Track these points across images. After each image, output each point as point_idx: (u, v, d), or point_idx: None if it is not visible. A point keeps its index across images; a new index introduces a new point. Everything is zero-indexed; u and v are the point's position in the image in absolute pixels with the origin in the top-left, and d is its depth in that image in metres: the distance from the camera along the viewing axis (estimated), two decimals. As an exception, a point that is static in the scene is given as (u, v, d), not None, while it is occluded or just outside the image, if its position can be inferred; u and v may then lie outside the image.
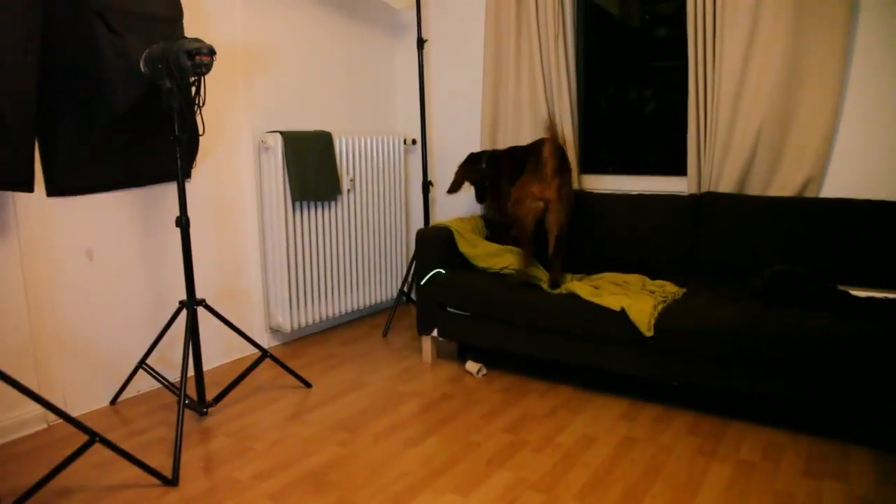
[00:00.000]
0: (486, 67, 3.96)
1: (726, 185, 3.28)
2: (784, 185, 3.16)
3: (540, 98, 3.78)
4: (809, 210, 2.98)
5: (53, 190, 2.67)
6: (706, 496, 2.15)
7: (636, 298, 2.76)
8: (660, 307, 2.72)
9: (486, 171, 3.58)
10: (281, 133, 3.43)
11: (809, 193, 3.12)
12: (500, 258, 3.25)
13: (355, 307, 4.04)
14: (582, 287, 2.91)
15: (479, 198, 3.76)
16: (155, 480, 2.29)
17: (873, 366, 2.29)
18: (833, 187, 3.11)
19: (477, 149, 4.13)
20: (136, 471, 2.35)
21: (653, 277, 3.15)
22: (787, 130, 3.13)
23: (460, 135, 4.31)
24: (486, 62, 3.96)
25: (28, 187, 2.39)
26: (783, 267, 2.74)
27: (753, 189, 3.25)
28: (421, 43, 3.89)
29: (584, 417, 2.75)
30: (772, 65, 3.08)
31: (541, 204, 3.03)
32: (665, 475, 2.28)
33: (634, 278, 3.09)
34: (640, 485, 2.22)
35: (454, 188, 3.66)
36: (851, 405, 2.36)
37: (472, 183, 3.71)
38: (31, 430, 2.67)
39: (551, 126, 3.05)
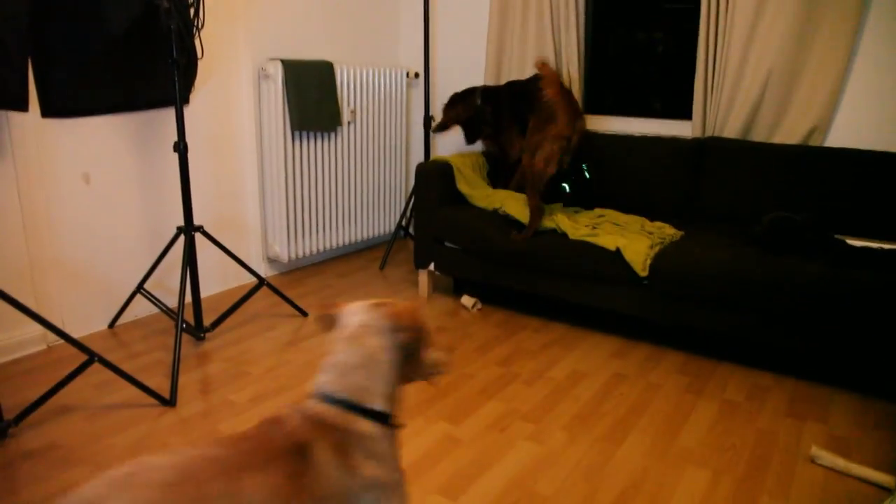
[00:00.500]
0: (493, 1, 3.87)
1: (731, 131, 3.25)
2: (789, 133, 3.13)
3: (547, 35, 3.70)
4: (813, 158, 2.97)
5: (49, 111, 2.64)
6: (691, 431, 2.20)
7: (632, 239, 2.77)
8: (656, 248, 2.73)
9: (482, 107, 3.52)
10: (282, 61, 3.37)
11: (814, 142, 3.10)
12: (495, 197, 3.25)
13: (353, 240, 4.05)
14: (577, 226, 2.92)
15: (470, 138, 3.67)
16: (153, 401, 2.34)
17: (864, 314, 2.32)
18: (838, 137, 3.08)
19: (480, 84, 4.05)
20: (134, 391, 2.40)
21: (652, 219, 3.16)
22: (797, 78, 3.09)
23: (464, 70, 4.24)
24: (492, -5, 3.87)
25: (22, 106, 2.36)
26: (782, 213, 2.74)
27: (758, 136, 3.22)
28: (426, -28, 3.78)
29: (576, 354, 2.79)
30: (787, 9, 3.00)
31: (563, 143, 3.02)
32: (652, 410, 2.34)
33: (633, 219, 3.10)
34: (627, 419, 2.28)
35: (442, 128, 3.61)
36: (839, 351, 2.40)
37: (463, 122, 3.61)
38: (31, 351, 2.71)
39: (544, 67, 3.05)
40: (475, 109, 3.54)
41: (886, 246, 2.65)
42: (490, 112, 3.50)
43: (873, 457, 2.07)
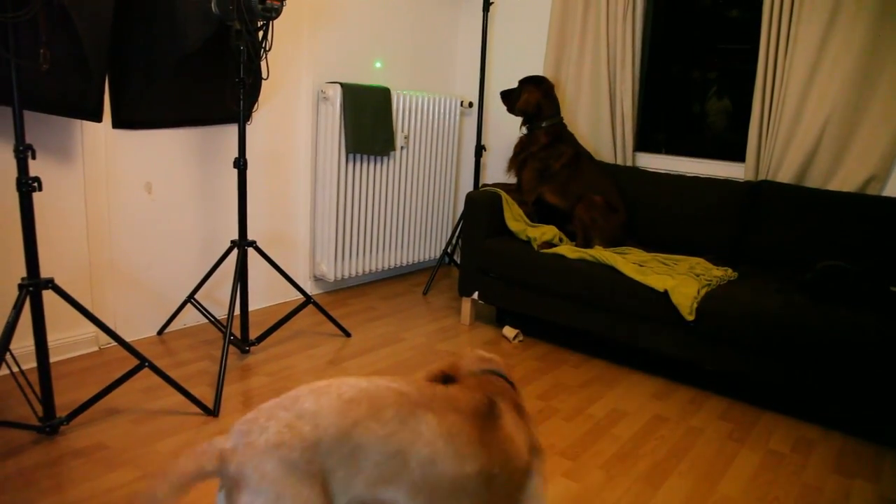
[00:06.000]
0: (551, 36, 3.91)
1: (785, 176, 3.21)
2: (845, 181, 3.08)
3: (602, 71, 3.73)
4: (870, 208, 2.91)
5: (119, 122, 2.76)
6: (732, 480, 2.16)
7: (681, 280, 2.74)
8: (703, 291, 2.70)
9: (537, 133, 3.49)
10: (341, 84, 3.45)
11: (871, 191, 3.04)
12: (542, 232, 3.27)
13: (398, 263, 4.10)
14: (626, 263, 2.90)
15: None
16: (196, 409, 2.39)
17: (919, 370, 2.25)
18: (897, 187, 3.03)
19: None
20: (179, 398, 2.45)
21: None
22: (856, 125, 3.04)
23: (517, 101, 4.27)
24: (550, 30, 3.91)
25: (97, 117, 2.46)
26: (835, 262, 2.69)
27: (813, 182, 3.17)
28: (487, 5, 3.85)
29: (616, 392, 2.76)
30: (848, 53, 2.98)
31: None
32: (692, 456, 2.29)
33: (682, 259, 3.07)
34: (666, 462, 2.24)
35: (509, 105, 3.61)
36: (890, 407, 2.33)
37: (524, 113, 3.56)
38: (84, 352, 2.79)
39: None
40: (532, 137, 3.52)
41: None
42: (542, 144, 3.47)
43: (924, 521, 2.00)
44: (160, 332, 3.07)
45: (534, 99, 3.48)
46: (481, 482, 1.22)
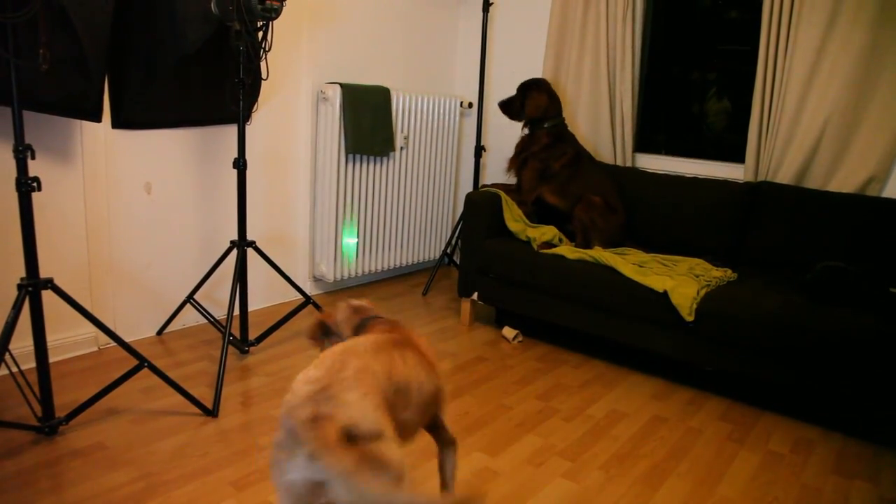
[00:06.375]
0: (551, 36, 3.92)
1: (784, 176, 3.21)
2: (845, 181, 3.08)
3: (602, 72, 3.73)
4: (870, 208, 2.91)
5: (119, 122, 2.75)
6: (731, 481, 2.16)
7: (681, 281, 2.74)
8: (703, 292, 2.70)
9: (538, 134, 3.49)
10: (340, 85, 3.45)
11: (871, 192, 3.04)
12: (542, 233, 3.27)
13: (398, 264, 4.09)
14: (625, 264, 2.90)
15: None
16: (195, 410, 2.39)
17: (918, 371, 2.25)
18: (896, 188, 3.03)
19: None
20: (178, 399, 2.45)
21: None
22: (856, 126, 3.04)
23: (517, 102, 4.27)
24: (550, 30, 3.91)
25: (97, 118, 2.46)
26: (834, 263, 2.69)
27: (812, 182, 3.17)
28: (487, 5, 3.85)
29: (615, 393, 2.76)
30: (847, 57, 2.98)
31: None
32: (692, 457, 2.29)
33: (682, 260, 3.07)
34: (665, 463, 2.24)
35: (507, 113, 3.64)
36: (889, 408, 2.33)
37: (522, 119, 3.60)
38: (83, 352, 2.79)
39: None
40: (533, 137, 3.52)
41: (945, 304, 2.57)
42: (543, 144, 3.47)
43: (924, 522, 2.00)
44: (159, 333, 3.07)
45: (543, 103, 3.49)
46: (441, 391, 1.57)
